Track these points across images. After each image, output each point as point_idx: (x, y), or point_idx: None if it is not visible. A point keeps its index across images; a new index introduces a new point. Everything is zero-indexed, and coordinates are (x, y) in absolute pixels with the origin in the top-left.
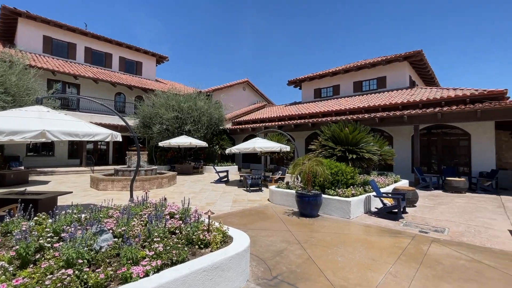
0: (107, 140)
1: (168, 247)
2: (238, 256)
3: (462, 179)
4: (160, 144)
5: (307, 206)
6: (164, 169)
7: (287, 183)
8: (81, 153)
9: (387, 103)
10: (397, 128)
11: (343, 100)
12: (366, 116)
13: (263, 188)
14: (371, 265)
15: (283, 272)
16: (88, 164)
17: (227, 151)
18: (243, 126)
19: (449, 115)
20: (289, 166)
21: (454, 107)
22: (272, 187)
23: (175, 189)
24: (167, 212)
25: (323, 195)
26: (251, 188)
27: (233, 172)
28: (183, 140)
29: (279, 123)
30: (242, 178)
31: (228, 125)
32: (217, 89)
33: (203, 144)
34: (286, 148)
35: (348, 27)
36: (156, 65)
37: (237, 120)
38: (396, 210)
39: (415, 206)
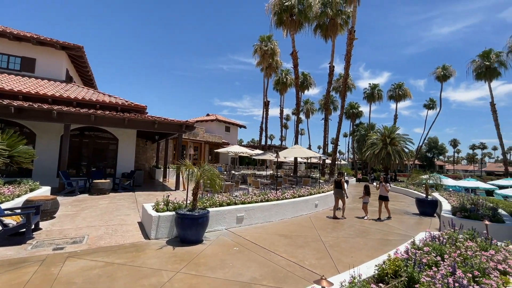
0: None
1: None
2: None
3: (108, 180)
4: None
5: None
6: None
7: None
8: None
9: (33, 92)
10: (44, 124)
11: None
12: None
13: None
14: None
15: None
16: None
17: None
18: None
19: (102, 119)
20: None
21: (107, 112)
22: None
23: None
24: None
25: None
26: None
27: None
28: None
29: None
30: None
31: None
32: None
33: None
34: None
35: None
36: None
37: None
38: (25, 230)
39: (54, 217)
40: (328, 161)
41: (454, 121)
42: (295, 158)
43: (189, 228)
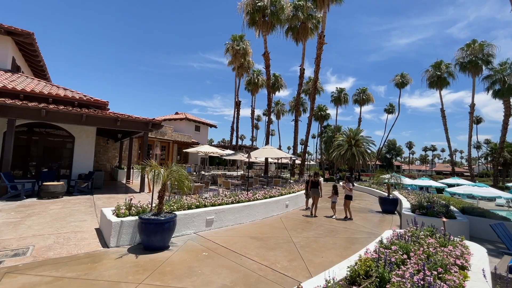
0: None
1: None
2: None
3: (61, 182)
4: None
5: None
6: None
7: None
8: None
9: None
10: None
11: None
12: None
13: None
14: None
15: None
16: None
17: None
18: None
19: (55, 114)
20: None
21: (61, 107)
22: None
23: None
24: None
25: None
26: None
27: None
28: None
29: None
30: None
31: None
32: None
33: None
34: None
35: None
36: None
37: None
38: None
39: None
40: (297, 161)
41: (410, 125)
42: (266, 159)
43: (153, 234)
